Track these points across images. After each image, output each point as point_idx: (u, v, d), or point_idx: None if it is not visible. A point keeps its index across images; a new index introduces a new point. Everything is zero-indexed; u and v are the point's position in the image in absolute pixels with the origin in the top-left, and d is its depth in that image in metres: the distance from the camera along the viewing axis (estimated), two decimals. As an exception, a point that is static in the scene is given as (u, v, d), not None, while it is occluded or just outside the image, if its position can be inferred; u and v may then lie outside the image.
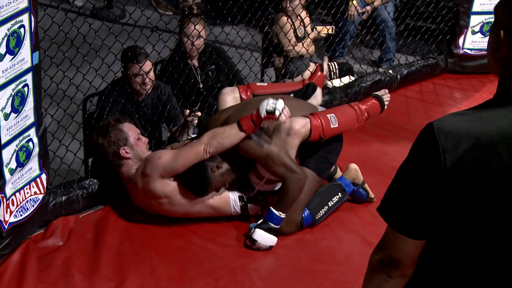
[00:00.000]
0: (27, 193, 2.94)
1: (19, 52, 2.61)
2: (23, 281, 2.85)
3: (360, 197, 3.52)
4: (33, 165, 2.95)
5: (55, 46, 3.21)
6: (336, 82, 4.74)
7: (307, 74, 4.68)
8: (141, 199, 3.22)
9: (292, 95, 3.54)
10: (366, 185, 3.52)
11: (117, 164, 3.22)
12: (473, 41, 5.28)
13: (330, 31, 4.81)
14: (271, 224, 3.07)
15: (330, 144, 3.30)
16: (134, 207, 3.30)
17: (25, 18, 2.59)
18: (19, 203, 2.89)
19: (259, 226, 3.07)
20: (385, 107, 3.47)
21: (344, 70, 4.83)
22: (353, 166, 3.54)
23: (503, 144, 1.26)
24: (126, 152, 3.17)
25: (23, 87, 2.70)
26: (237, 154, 3.12)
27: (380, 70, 5.15)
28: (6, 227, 2.82)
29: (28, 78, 2.72)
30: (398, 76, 5.04)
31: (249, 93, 3.51)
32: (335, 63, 4.87)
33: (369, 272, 1.45)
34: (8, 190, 2.78)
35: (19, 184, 2.87)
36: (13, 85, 2.63)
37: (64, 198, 3.26)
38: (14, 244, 2.95)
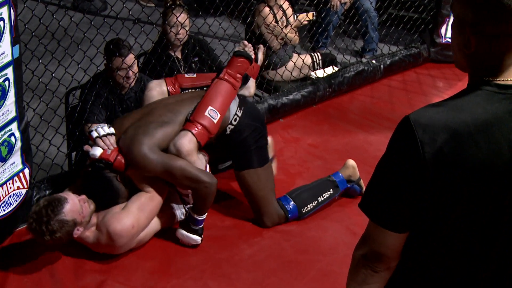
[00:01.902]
0: (10, 188, 2.92)
1: (-1, 46, 2.58)
2: (7, 276, 2.84)
3: (353, 193, 3.51)
4: (16, 159, 2.92)
5: (36, 39, 3.18)
6: (320, 73, 4.76)
7: (290, 65, 4.68)
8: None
9: None
10: (361, 182, 3.50)
11: None
12: (455, 30, 5.31)
13: (311, 17, 4.80)
14: (192, 226, 3.03)
15: (254, 134, 3.17)
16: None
17: (4, 11, 2.56)
18: (2, 198, 2.86)
19: (182, 226, 3.04)
20: (253, 56, 3.30)
21: (327, 61, 4.85)
22: (351, 162, 3.51)
23: (480, 134, 1.27)
24: (78, 230, 2.83)
25: (4, 81, 2.67)
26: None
27: (363, 60, 5.17)
28: (-11, 222, 2.80)
29: (9, 72, 2.70)
30: (381, 66, 5.06)
31: (176, 86, 3.32)
32: (318, 53, 4.90)
33: (353, 267, 1.45)
34: (-9, 185, 2.76)
35: (2, 179, 2.84)
36: (-7, 79, 2.61)
37: (47, 192, 3.24)
38: (-3, 240, 2.93)
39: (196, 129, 2.98)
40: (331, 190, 3.37)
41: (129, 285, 2.83)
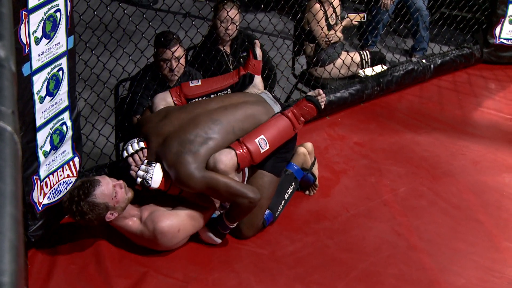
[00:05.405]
0: (60, 175, 2.99)
1: (55, 36, 2.64)
2: (55, 262, 2.91)
3: (307, 182, 3.45)
4: (67, 148, 2.99)
5: (90, 30, 3.24)
6: (368, 71, 4.72)
7: (338, 62, 4.65)
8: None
9: (229, 90, 3.25)
10: (315, 169, 3.44)
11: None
12: (511, 31, 5.20)
13: (362, 19, 4.77)
14: (220, 229, 3.01)
15: (287, 143, 3.13)
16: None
17: (61, 2, 2.62)
18: (52, 185, 2.93)
19: (209, 226, 3.03)
20: (322, 107, 3.19)
21: (377, 59, 4.81)
22: (302, 150, 3.40)
23: None
24: (111, 215, 2.82)
25: (58, 70, 2.73)
26: None
27: (413, 59, 5.10)
28: (39, 208, 2.87)
29: (63, 62, 2.75)
30: (432, 66, 4.99)
31: (182, 97, 3.17)
32: (367, 51, 4.85)
33: None
34: (42, 172, 2.82)
35: (53, 167, 2.91)
36: (48, 69, 2.66)
37: (96, 181, 3.30)
38: (47, 226, 3.00)
39: (241, 150, 2.94)
40: (292, 184, 3.29)
41: (171, 277, 2.86)
